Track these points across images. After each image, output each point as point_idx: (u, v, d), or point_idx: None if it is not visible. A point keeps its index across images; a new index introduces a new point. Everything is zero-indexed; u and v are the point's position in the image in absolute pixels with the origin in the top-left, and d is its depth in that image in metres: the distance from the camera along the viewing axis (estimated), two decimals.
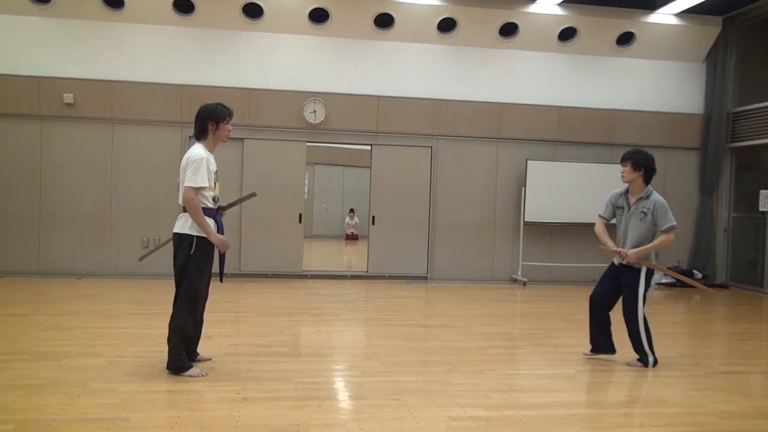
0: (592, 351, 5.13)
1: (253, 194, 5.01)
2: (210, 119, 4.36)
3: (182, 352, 4.31)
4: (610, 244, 4.94)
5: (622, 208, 4.92)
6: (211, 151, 4.38)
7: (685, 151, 10.58)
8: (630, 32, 10.03)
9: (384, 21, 9.53)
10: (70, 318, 5.92)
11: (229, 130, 4.48)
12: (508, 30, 9.82)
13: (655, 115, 10.35)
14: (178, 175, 4.40)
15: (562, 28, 9.84)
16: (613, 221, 5.09)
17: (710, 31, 10.20)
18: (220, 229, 4.36)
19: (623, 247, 4.88)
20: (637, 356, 4.94)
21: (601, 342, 5.07)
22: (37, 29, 8.94)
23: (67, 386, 3.99)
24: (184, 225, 4.28)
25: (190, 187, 4.17)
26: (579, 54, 10.16)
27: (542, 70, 10.14)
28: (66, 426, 3.32)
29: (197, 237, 4.24)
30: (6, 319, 6.02)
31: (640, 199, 4.82)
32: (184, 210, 4.27)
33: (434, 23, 9.57)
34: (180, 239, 4.28)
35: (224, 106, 4.44)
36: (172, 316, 4.32)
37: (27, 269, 8.98)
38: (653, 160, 4.84)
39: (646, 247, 4.78)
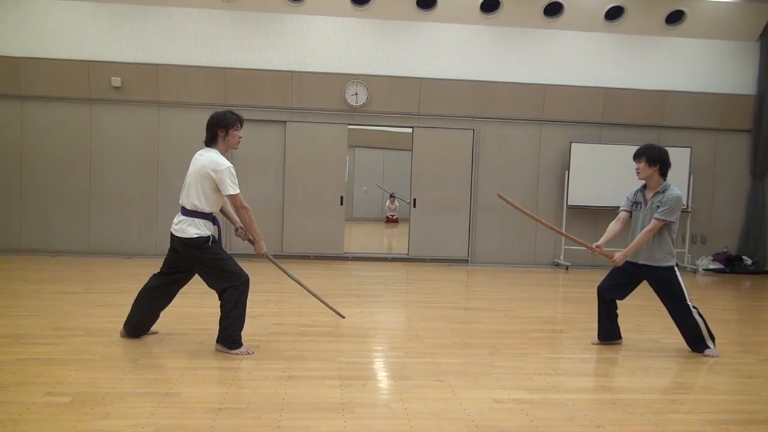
0: (600, 339, 5.05)
1: None
2: (219, 126, 4.38)
3: (240, 328, 4.40)
4: (585, 242, 5.07)
5: (640, 203, 4.87)
6: None
7: (737, 133, 10.25)
8: (680, 10, 9.71)
9: (426, 2, 9.43)
10: (121, 296, 6.09)
11: (240, 137, 4.48)
12: (553, 9, 9.62)
13: (706, 96, 10.03)
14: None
15: (609, 6, 9.59)
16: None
17: (764, 8, 9.79)
18: (219, 235, 4.47)
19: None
20: (701, 352, 4.81)
21: (609, 330, 5.01)
22: (86, 14, 9.14)
23: (119, 361, 4.13)
24: (194, 228, 4.31)
25: (237, 194, 4.29)
26: (626, 33, 9.89)
27: (588, 50, 9.90)
28: (120, 399, 3.43)
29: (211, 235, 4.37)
30: (61, 297, 6.24)
31: (657, 193, 4.76)
32: (187, 213, 4.33)
33: (477, 3, 9.43)
34: (195, 242, 4.30)
35: (233, 113, 4.46)
36: (225, 296, 4.34)
37: (78, 248, 9.27)
38: (667, 154, 4.78)
39: (631, 246, 4.76)
